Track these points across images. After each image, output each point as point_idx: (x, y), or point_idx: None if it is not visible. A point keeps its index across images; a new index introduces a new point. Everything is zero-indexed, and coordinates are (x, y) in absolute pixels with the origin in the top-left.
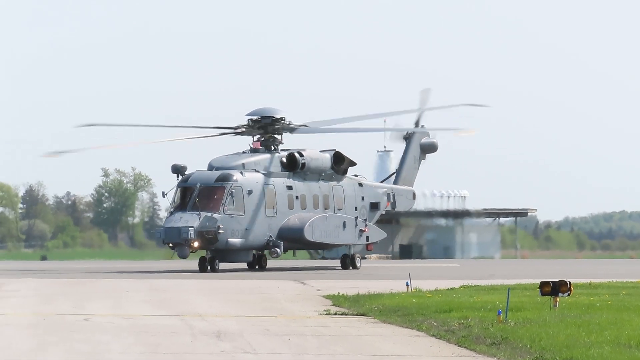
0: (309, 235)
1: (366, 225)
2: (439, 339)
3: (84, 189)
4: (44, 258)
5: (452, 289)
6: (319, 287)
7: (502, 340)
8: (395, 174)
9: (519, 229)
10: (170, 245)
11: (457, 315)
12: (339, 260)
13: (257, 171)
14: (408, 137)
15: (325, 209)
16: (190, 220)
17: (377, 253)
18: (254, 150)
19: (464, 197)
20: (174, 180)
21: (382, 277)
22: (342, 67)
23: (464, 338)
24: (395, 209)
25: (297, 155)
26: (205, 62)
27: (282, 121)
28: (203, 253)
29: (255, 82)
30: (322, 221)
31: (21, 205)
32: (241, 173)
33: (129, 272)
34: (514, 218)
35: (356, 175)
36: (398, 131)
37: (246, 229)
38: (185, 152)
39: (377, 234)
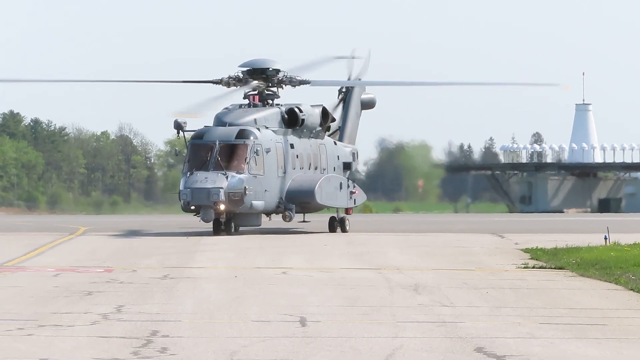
0: (319, 198)
1: (354, 187)
2: (637, 292)
3: None
4: None
5: None
6: (517, 240)
7: None
8: (338, 131)
9: None
10: (193, 207)
11: None
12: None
13: (267, 127)
14: (345, 92)
15: (315, 168)
16: (218, 181)
17: (575, 207)
18: (253, 105)
19: None
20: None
21: (580, 230)
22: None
23: None
24: None
25: (297, 110)
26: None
27: (280, 73)
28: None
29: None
30: (327, 182)
31: None
32: (258, 129)
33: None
34: None
35: None
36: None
37: (265, 191)
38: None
39: (361, 197)
